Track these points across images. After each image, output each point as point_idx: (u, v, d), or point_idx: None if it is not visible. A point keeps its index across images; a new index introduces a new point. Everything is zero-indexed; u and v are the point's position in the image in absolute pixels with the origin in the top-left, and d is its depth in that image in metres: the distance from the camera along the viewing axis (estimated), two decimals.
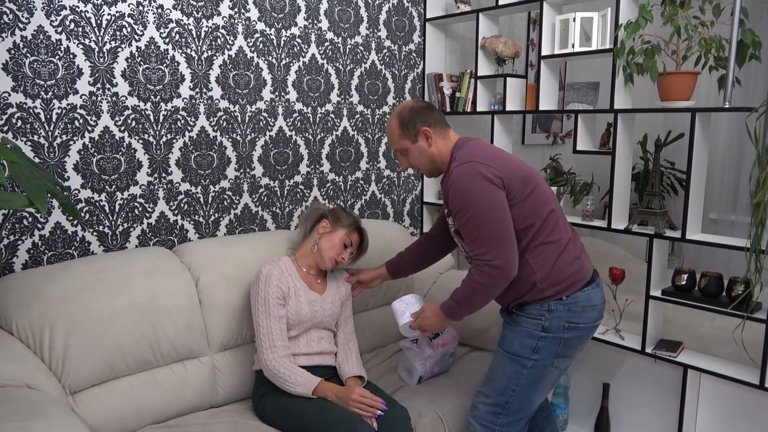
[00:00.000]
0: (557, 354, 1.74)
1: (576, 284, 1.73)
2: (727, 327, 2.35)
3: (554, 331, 1.71)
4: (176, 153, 2.19)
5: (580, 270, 1.74)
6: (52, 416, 1.32)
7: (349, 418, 1.69)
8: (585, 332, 1.76)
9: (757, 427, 2.12)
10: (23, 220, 1.88)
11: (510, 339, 1.78)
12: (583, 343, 1.79)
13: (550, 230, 1.70)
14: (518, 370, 1.75)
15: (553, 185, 2.64)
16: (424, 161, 1.80)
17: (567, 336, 1.73)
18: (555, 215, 1.73)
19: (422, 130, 1.76)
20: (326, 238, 1.97)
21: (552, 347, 1.73)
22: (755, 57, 2.07)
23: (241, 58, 2.32)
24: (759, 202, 1.83)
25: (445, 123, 1.82)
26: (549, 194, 1.76)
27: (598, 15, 2.36)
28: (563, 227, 1.76)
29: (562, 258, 1.71)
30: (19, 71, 1.81)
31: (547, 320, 1.71)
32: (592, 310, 1.75)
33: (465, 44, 3.19)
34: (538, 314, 1.72)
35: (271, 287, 1.85)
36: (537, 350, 1.73)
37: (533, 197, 1.68)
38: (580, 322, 1.73)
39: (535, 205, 1.68)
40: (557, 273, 1.71)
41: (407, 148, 1.80)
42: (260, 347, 1.83)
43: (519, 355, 1.75)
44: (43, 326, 1.66)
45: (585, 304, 1.73)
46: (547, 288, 1.70)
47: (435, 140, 1.77)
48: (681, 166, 3.62)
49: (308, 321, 1.91)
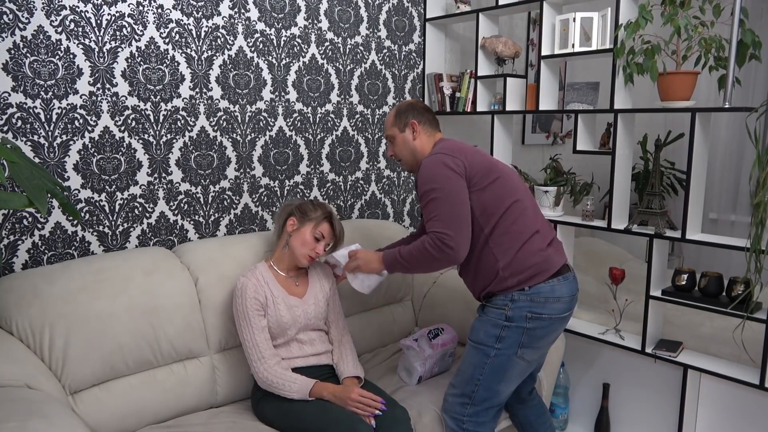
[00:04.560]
0: (521, 344, 1.77)
1: (539, 275, 1.76)
2: (727, 327, 2.35)
3: (517, 320, 1.75)
4: (176, 153, 2.19)
5: (544, 261, 1.78)
6: (52, 416, 1.32)
7: (348, 418, 1.69)
8: (549, 323, 1.78)
9: (757, 427, 2.12)
10: (23, 220, 1.88)
11: (477, 329, 1.84)
12: (549, 334, 1.81)
13: (513, 220, 1.77)
14: (482, 359, 1.79)
15: (553, 185, 2.63)
16: (406, 152, 1.95)
17: (530, 326, 1.76)
18: (521, 206, 1.80)
19: (411, 122, 1.93)
20: (296, 236, 1.93)
21: (515, 337, 1.76)
22: (755, 57, 2.07)
23: (241, 58, 2.32)
24: (759, 202, 1.83)
25: (435, 125, 1.97)
26: (517, 187, 1.83)
27: (598, 15, 2.36)
28: (531, 219, 1.81)
29: (526, 248, 1.77)
30: (19, 71, 1.82)
31: (510, 310, 1.76)
32: (557, 301, 1.77)
33: (465, 44, 3.19)
34: (502, 304, 1.78)
35: (248, 300, 1.84)
36: (500, 339, 1.77)
37: (495, 186, 1.78)
38: (543, 313, 1.76)
39: (496, 195, 1.78)
40: (519, 262, 1.76)
41: (395, 136, 1.96)
42: (250, 360, 1.83)
43: (483, 344, 1.80)
44: (43, 326, 1.66)
45: (549, 295, 1.76)
46: (509, 277, 1.76)
47: (420, 135, 1.93)
48: (681, 166, 3.62)
49: (292, 327, 1.89)
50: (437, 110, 2.97)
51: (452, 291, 2.47)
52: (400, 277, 2.51)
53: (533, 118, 3.48)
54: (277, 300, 1.89)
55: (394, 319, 2.51)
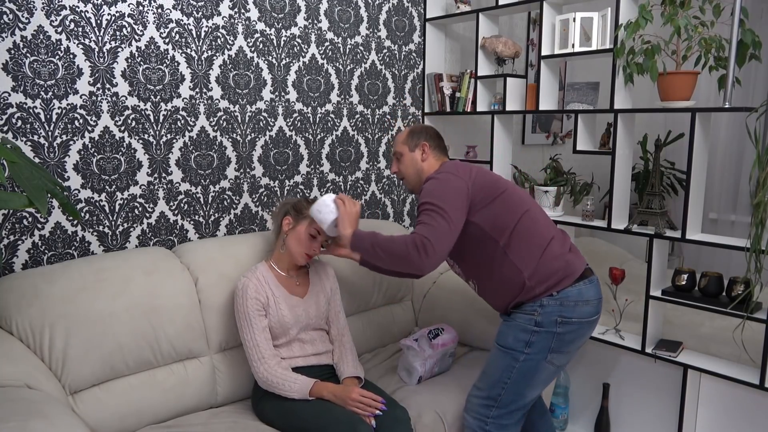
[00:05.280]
0: (551, 349, 1.77)
1: (566, 279, 1.77)
2: (727, 327, 2.35)
3: (547, 325, 1.75)
4: (176, 153, 2.19)
5: (568, 266, 1.79)
6: (52, 416, 1.32)
7: (349, 418, 1.69)
8: (579, 327, 1.78)
9: (757, 427, 2.12)
10: (23, 220, 1.88)
11: (504, 333, 1.83)
12: (578, 338, 1.81)
13: (527, 229, 1.79)
14: (511, 364, 1.79)
15: (553, 185, 2.63)
16: (412, 171, 1.99)
17: (560, 330, 1.75)
18: (531, 215, 1.81)
19: (422, 143, 1.97)
20: (292, 235, 1.93)
21: (545, 342, 1.76)
22: (755, 57, 2.07)
23: (241, 58, 2.32)
24: (759, 202, 1.83)
25: (444, 153, 2.02)
26: (522, 198, 1.85)
27: (598, 15, 2.36)
28: (544, 227, 1.83)
29: (547, 254, 1.78)
30: (19, 71, 1.81)
31: (539, 315, 1.75)
32: (586, 305, 1.78)
33: (465, 44, 3.19)
34: (531, 310, 1.77)
35: (249, 300, 1.84)
36: (530, 344, 1.76)
37: (503, 200, 1.80)
38: (573, 317, 1.76)
39: (506, 208, 1.79)
40: (544, 268, 1.76)
41: (404, 153, 2.00)
42: (250, 360, 1.83)
43: (512, 349, 1.79)
44: (43, 326, 1.66)
45: (577, 298, 1.76)
46: (537, 285, 1.76)
47: (428, 158, 1.97)
48: (681, 166, 3.62)
49: (294, 326, 1.90)
50: (437, 110, 2.97)
51: (452, 291, 2.47)
52: None
53: (533, 118, 3.48)
54: (279, 300, 1.89)
55: (394, 319, 2.51)
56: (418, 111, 3.02)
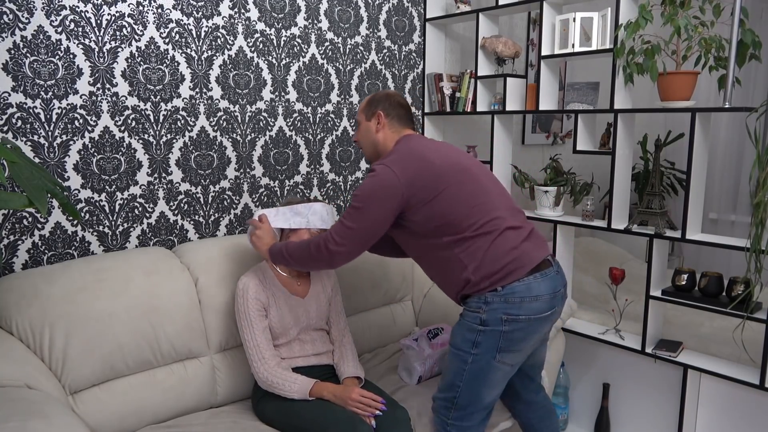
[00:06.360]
0: (499, 348, 1.66)
1: (512, 274, 1.65)
2: (727, 327, 2.35)
3: (492, 324, 1.64)
4: (176, 153, 2.19)
5: (517, 259, 1.66)
6: (52, 416, 1.32)
7: (349, 418, 1.69)
8: (528, 324, 1.66)
9: (757, 427, 2.12)
10: (23, 220, 1.88)
11: (455, 333, 1.74)
12: (529, 336, 1.69)
13: (475, 221, 1.67)
14: (461, 366, 1.70)
15: (553, 185, 2.63)
16: (367, 142, 1.91)
17: (507, 329, 1.64)
18: (485, 208, 1.70)
19: (377, 112, 1.87)
20: (293, 236, 1.93)
21: (492, 341, 1.65)
22: (755, 57, 2.07)
23: (241, 58, 2.32)
24: (759, 202, 1.83)
25: (405, 122, 1.89)
26: (483, 186, 1.74)
27: (598, 15, 2.36)
28: (501, 217, 1.71)
29: (494, 248, 1.66)
30: (19, 71, 1.82)
31: (484, 312, 1.65)
32: (534, 301, 1.65)
33: (465, 44, 3.19)
34: (476, 307, 1.67)
35: (249, 301, 1.84)
36: (476, 344, 1.66)
37: (448, 195, 1.69)
38: (520, 314, 1.64)
39: (451, 202, 1.68)
40: (489, 264, 1.65)
41: (360, 122, 1.93)
42: (251, 361, 1.83)
43: (461, 350, 1.70)
44: (43, 326, 1.66)
45: (524, 294, 1.64)
46: (481, 280, 1.66)
47: (383, 128, 1.87)
48: (681, 166, 3.62)
49: (294, 327, 1.90)
50: (437, 110, 2.97)
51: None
52: (400, 276, 2.51)
53: (533, 118, 3.48)
54: (279, 300, 1.89)
55: (394, 319, 2.51)
56: (419, 111, 3.02)
